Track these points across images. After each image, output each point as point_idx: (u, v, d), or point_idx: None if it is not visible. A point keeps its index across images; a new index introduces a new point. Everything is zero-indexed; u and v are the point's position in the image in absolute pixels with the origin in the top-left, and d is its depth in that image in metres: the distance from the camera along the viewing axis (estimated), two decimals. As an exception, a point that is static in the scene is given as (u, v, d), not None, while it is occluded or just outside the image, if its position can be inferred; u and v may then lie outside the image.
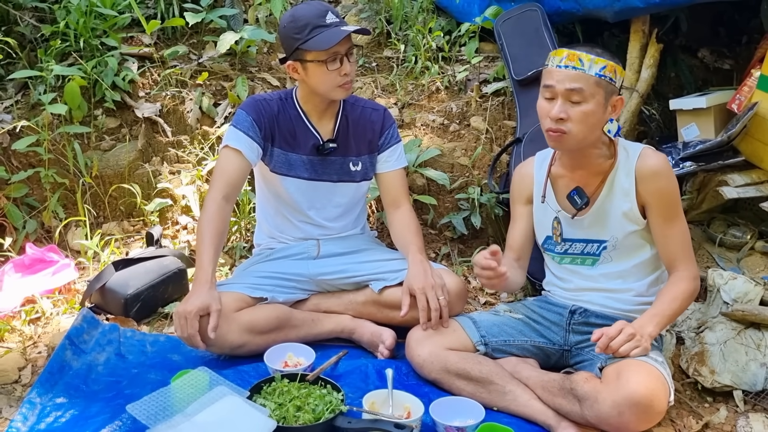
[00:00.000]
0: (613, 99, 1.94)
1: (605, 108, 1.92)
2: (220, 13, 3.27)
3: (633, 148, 2.02)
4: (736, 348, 2.20)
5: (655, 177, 1.97)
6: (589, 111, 1.90)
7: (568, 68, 1.89)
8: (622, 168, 2.01)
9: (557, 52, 1.94)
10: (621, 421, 1.75)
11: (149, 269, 2.48)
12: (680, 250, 2.00)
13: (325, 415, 1.78)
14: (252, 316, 2.12)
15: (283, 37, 2.19)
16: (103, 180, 2.94)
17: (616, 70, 1.91)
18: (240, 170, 2.20)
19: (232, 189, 2.18)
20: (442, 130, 3.10)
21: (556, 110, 1.91)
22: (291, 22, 2.15)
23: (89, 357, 2.13)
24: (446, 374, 2.02)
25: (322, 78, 2.16)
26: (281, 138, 2.28)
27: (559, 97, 1.91)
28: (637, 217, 2.01)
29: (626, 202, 2.00)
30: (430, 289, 2.11)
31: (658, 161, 1.99)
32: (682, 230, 2.01)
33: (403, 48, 3.42)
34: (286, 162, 2.29)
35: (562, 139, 1.93)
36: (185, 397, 1.77)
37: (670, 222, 1.99)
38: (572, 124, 1.90)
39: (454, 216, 2.89)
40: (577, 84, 1.88)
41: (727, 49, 3.60)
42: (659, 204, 1.98)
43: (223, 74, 3.26)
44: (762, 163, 2.73)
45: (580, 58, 1.88)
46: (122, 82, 3.05)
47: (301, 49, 2.14)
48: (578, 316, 2.10)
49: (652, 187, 1.97)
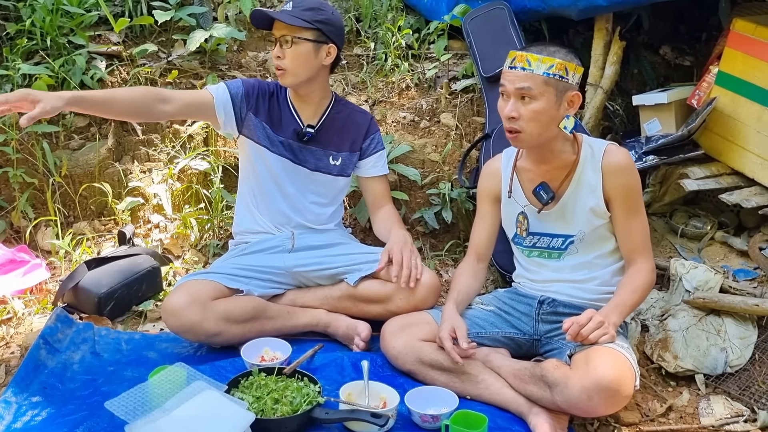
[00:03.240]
0: (568, 95, 1.99)
1: (558, 105, 1.98)
2: (189, 11, 3.26)
3: (597, 145, 2.09)
4: (698, 334, 2.28)
5: (620, 172, 2.04)
6: (539, 109, 1.96)
7: (517, 69, 1.97)
8: (589, 164, 2.07)
9: (511, 53, 2.01)
10: (590, 404, 1.81)
11: (122, 268, 2.48)
12: (640, 243, 2.08)
13: (302, 407, 1.82)
14: (228, 305, 2.15)
15: None
16: (72, 179, 2.92)
17: (567, 68, 1.96)
18: (198, 97, 2.29)
19: (176, 96, 2.23)
20: (413, 127, 3.14)
21: (507, 109, 1.99)
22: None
23: (64, 356, 2.12)
24: (420, 365, 2.07)
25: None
26: (267, 115, 2.36)
27: (512, 97, 1.98)
28: (603, 212, 2.07)
29: (593, 197, 2.07)
30: (408, 251, 2.26)
31: (623, 157, 2.06)
32: (642, 224, 2.09)
33: (372, 46, 3.45)
34: (269, 137, 2.36)
35: (519, 138, 2.01)
36: (163, 393, 1.78)
37: (633, 216, 2.07)
38: (524, 122, 1.98)
39: (426, 211, 2.93)
40: (525, 83, 1.95)
41: (687, 46, 3.69)
42: (623, 198, 2.05)
43: (193, 72, 3.25)
44: (721, 156, 2.83)
45: (528, 58, 1.95)
46: (91, 81, 3.02)
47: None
48: (547, 306, 2.15)
49: (618, 182, 2.04)
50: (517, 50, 2.00)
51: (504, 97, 2.02)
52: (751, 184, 2.74)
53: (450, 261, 2.90)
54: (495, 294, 2.30)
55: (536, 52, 1.95)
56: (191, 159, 2.94)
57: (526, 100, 1.97)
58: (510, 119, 1.99)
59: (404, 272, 2.21)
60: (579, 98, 2.02)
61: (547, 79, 1.95)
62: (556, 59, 1.95)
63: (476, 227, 2.31)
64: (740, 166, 2.75)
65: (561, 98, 1.98)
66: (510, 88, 1.98)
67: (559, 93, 1.97)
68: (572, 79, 1.99)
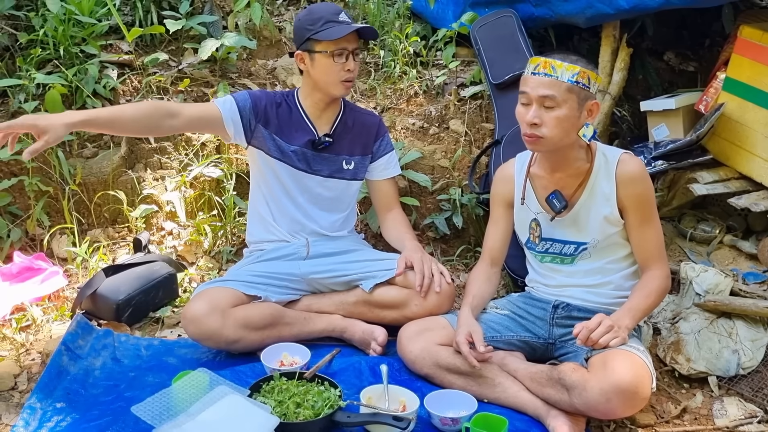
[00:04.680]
0: (588, 104, 2.01)
1: (579, 113, 2.00)
2: (200, 20, 3.30)
3: (611, 153, 2.10)
4: (710, 336, 2.30)
5: (634, 182, 2.06)
6: (562, 116, 1.97)
7: (541, 75, 1.98)
8: (603, 173, 2.08)
9: (533, 59, 2.02)
10: (609, 407, 1.83)
11: (140, 275, 2.50)
12: (655, 251, 2.10)
13: (324, 410, 1.84)
14: (247, 312, 2.18)
15: (297, 29, 2.33)
16: (87, 187, 2.94)
17: (590, 77, 1.99)
18: (205, 111, 2.28)
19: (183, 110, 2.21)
20: (422, 133, 3.18)
21: (530, 116, 1.99)
22: (306, 15, 2.30)
23: (86, 362, 2.15)
24: (438, 369, 2.09)
25: (327, 70, 2.27)
26: (278, 126, 2.37)
27: (534, 103, 1.99)
28: (617, 220, 2.09)
29: (607, 206, 2.08)
30: (428, 260, 2.31)
31: (637, 167, 2.07)
32: (656, 231, 2.11)
33: (381, 53, 3.48)
34: (279, 149, 2.37)
35: (539, 142, 2.01)
36: (187, 398, 1.80)
37: (647, 224, 2.09)
38: (546, 129, 1.98)
39: (436, 216, 2.96)
40: (549, 91, 1.96)
41: (691, 51, 3.73)
42: (637, 207, 2.07)
43: (204, 81, 3.28)
44: (729, 161, 2.86)
45: (553, 65, 1.96)
46: (103, 90, 3.05)
47: (311, 40, 2.26)
48: (561, 311, 2.18)
49: (632, 191, 2.06)
50: (539, 57, 2.01)
51: (523, 102, 2.02)
52: (759, 188, 2.77)
53: (461, 266, 2.93)
54: (509, 298, 2.33)
55: (560, 59, 1.97)
56: (204, 166, 2.96)
57: (548, 107, 1.98)
58: (532, 126, 1.99)
59: (426, 281, 2.25)
60: (598, 107, 2.04)
61: (571, 87, 1.96)
62: (580, 67, 1.97)
63: (489, 232, 2.33)
64: (748, 170, 2.79)
65: (582, 106, 2.00)
66: (533, 94, 1.98)
67: (581, 101, 1.99)
68: (593, 88, 2.01)
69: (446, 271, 2.31)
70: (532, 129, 2.00)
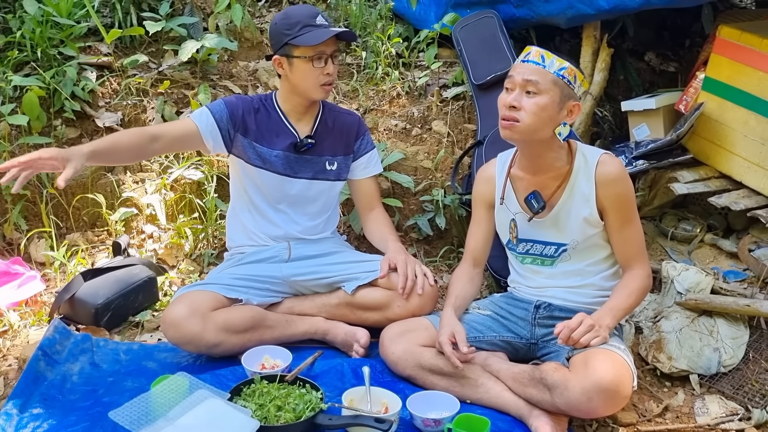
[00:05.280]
0: (570, 104, 2.00)
1: (560, 108, 1.99)
2: (180, 21, 3.27)
3: (591, 154, 2.10)
4: (691, 335, 2.31)
5: (614, 183, 2.05)
6: (541, 104, 1.96)
7: (529, 63, 1.99)
8: (582, 174, 2.08)
9: (526, 48, 2.03)
10: (590, 406, 1.83)
11: (119, 278, 2.47)
12: (636, 251, 2.10)
13: (305, 413, 1.82)
14: (228, 315, 2.16)
15: (274, 33, 2.29)
16: (65, 190, 2.90)
17: (577, 76, 2.00)
18: (184, 130, 2.26)
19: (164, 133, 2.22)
20: (405, 135, 3.17)
21: (510, 98, 1.99)
22: (283, 19, 2.26)
23: (63, 367, 2.11)
24: (420, 370, 2.08)
25: (305, 75, 2.25)
26: (257, 133, 2.34)
27: (517, 88, 1.99)
28: (597, 221, 2.09)
29: (586, 207, 2.08)
30: (412, 262, 2.29)
31: (616, 168, 2.07)
32: (637, 232, 2.11)
33: (363, 54, 3.48)
34: (260, 155, 2.34)
35: (513, 127, 1.99)
36: (166, 402, 1.78)
37: (627, 225, 2.08)
38: (524, 114, 1.97)
39: (419, 218, 2.96)
40: (534, 77, 1.96)
41: (671, 52, 3.77)
42: (618, 209, 2.06)
43: (185, 82, 3.26)
44: (709, 160, 2.88)
45: (543, 55, 1.98)
46: (81, 92, 3.02)
47: (289, 45, 2.23)
48: (543, 311, 2.17)
49: (612, 192, 2.05)
50: (534, 46, 2.02)
51: (508, 90, 2.02)
52: (738, 187, 2.79)
53: (444, 267, 2.93)
54: (491, 299, 2.32)
55: (553, 53, 1.98)
56: (185, 169, 2.94)
57: (530, 94, 1.97)
58: (510, 108, 1.98)
59: (409, 284, 2.24)
60: (579, 109, 2.04)
61: (557, 79, 1.97)
62: (569, 64, 1.98)
63: (471, 232, 2.33)
64: (728, 169, 2.81)
65: (564, 103, 1.99)
66: (518, 79, 1.98)
67: (563, 97, 1.98)
68: (577, 90, 2.01)
69: (430, 273, 2.31)
70: (510, 111, 1.99)
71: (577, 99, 2.03)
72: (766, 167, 2.66)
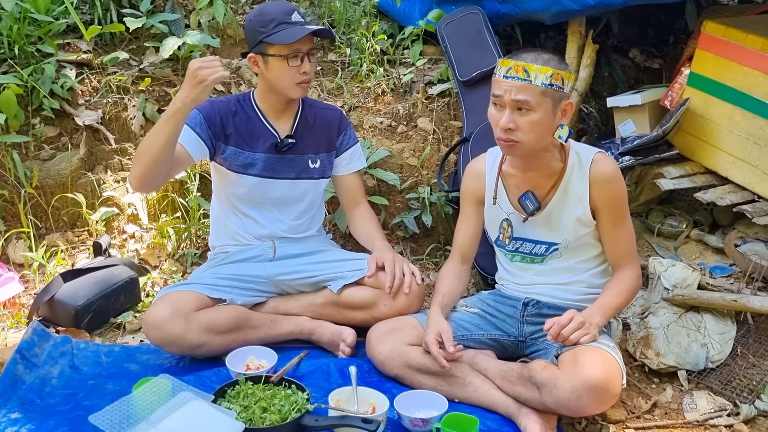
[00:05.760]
0: (563, 104, 1.96)
1: (554, 115, 1.94)
2: (161, 18, 3.22)
3: (585, 153, 2.06)
4: (678, 331, 2.31)
5: (608, 183, 2.03)
6: (536, 120, 1.92)
7: (513, 79, 1.91)
8: (576, 173, 2.05)
9: (504, 62, 1.95)
10: (579, 404, 1.81)
11: (100, 279, 2.43)
12: (627, 251, 2.08)
13: (291, 414, 1.80)
14: (211, 315, 2.12)
15: (248, 31, 2.24)
16: (44, 190, 2.86)
17: (564, 77, 1.92)
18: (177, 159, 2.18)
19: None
20: (390, 132, 3.14)
21: (503, 120, 1.93)
22: (257, 17, 2.20)
23: (42, 370, 2.07)
24: (408, 369, 2.06)
25: (281, 73, 2.20)
26: (238, 137, 2.28)
27: (507, 108, 1.93)
28: (590, 221, 2.07)
29: (580, 207, 2.05)
30: (399, 261, 2.26)
31: (611, 167, 2.04)
32: (629, 232, 2.09)
33: (348, 51, 3.45)
34: (243, 160, 2.29)
35: (515, 147, 1.96)
36: (149, 405, 1.74)
37: (619, 225, 2.06)
38: (522, 133, 1.93)
39: (406, 215, 2.93)
40: (523, 96, 1.90)
41: (655, 49, 3.77)
42: (610, 209, 2.04)
43: (166, 80, 3.21)
44: (694, 156, 2.88)
45: (526, 69, 1.89)
46: (60, 90, 2.97)
47: (264, 43, 2.17)
48: (531, 308, 2.15)
49: (605, 192, 2.03)
50: (510, 59, 1.94)
51: (498, 107, 1.96)
52: (724, 183, 2.79)
53: (431, 265, 2.90)
54: (479, 296, 2.30)
55: (532, 61, 1.90)
56: (167, 167, 2.89)
57: (522, 111, 1.91)
58: (506, 130, 1.94)
59: (396, 282, 2.21)
60: (572, 107, 2.00)
61: (545, 90, 1.90)
62: (553, 69, 1.90)
63: (459, 228, 2.30)
64: (714, 165, 2.81)
65: (557, 108, 1.94)
66: (506, 98, 1.92)
67: (555, 103, 1.93)
68: (567, 88, 1.96)
69: (417, 272, 2.28)
70: (507, 134, 1.94)
71: (569, 97, 1.99)
72: (751, 162, 2.66)
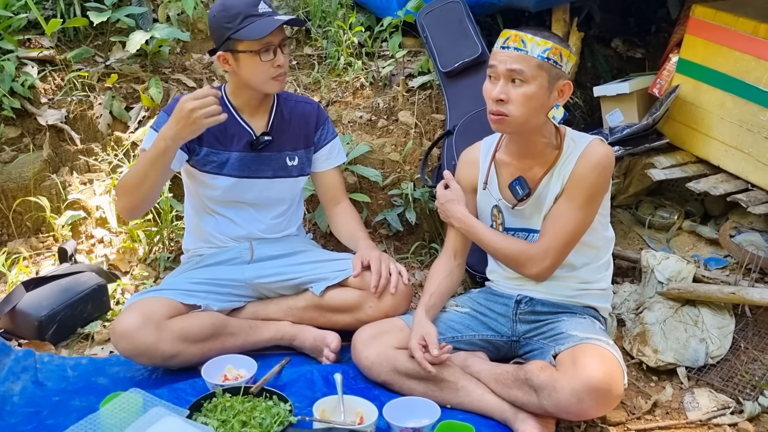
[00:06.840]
0: (560, 83, 1.88)
1: (549, 92, 1.87)
2: (127, 11, 3.08)
3: (581, 139, 1.97)
4: (676, 326, 2.24)
5: (589, 165, 1.90)
6: (530, 93, 1.84)
7: (510, 49, 1.85)
8: (569, 159, 1.95)
9: (504, 32, 1.89)
10: (581, 408, 1.72)
11: (65, 287, 2.31)
12: (553, 233, 1.94)
13: (273, 428, 1.71)
14: (185, 323, 2.01)
15: (213, 27, 2.09)
16: (5, 194, 2.72)
17: (562, 54, 1.86)
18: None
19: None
20: (370, 127, 3.04)
21: (496, 91, 1.86)
22: (222, 11, 2.04)
23: (2, 387, 1.95)
24: (396, 375, 1.96)
25: (254, 69, 2.07)
26: (211, 137, 2.15)
27: (501, 78, 1.86)
28: None
29: (558, 184, 1.95)
30: (386, 259, 2.17)
31: (601, 153, 1.92)
32: (573, 222, 1.93)
33: (324, 44, 3.33)
34: (217, 161, 2.17)
35: (504, 121, 1.88)
36: (117, 423, 1.64)
37: (570, 205, 1.92)
38: (513, 107, 1.86)
39: (389, 213, 2.83)
40: (518, 65, 1.83)
41: (638, 38, 3.73)
42: (575, 186, 1.91)
43: (134, 76, 3.07)
44: (685, 145, 2.82)
45: (523, 39, 1.84)
46: (21, 88, 2.83)
47: (232, 39, 2.04)
48: (524, 306, 2.07)
49: (581, 171, 1.91)
50: (510, 30, 1.88)
51: (492, 79, 1.89)
52: (716, 172, 2.73)
53: (416, 263, 2.80)
54: (469, 295, 2.21)
55: (531, 33, 1.84)
56: (136, 167, 2.75)
57: (516, 83, 1.85)
58: (498, 102, 1.86)
59: (383, 282, 2.11)
60: (570, 88, 1.91)
61: (542, 63, 1.83)
62: (552, 43, 1.84)
63: None
64: (705, 153, 2.75)
65: (553, 85, 1.87)
66: (501, 68, 1.85)
67: (551, 79, 1.86)
68: (565, 67, 1.88)
69: (404, 271, 2.18)
70: (498, 105, 1.87)
71: (567, 77, 1.90)
72: (744, 150, 2.60)
